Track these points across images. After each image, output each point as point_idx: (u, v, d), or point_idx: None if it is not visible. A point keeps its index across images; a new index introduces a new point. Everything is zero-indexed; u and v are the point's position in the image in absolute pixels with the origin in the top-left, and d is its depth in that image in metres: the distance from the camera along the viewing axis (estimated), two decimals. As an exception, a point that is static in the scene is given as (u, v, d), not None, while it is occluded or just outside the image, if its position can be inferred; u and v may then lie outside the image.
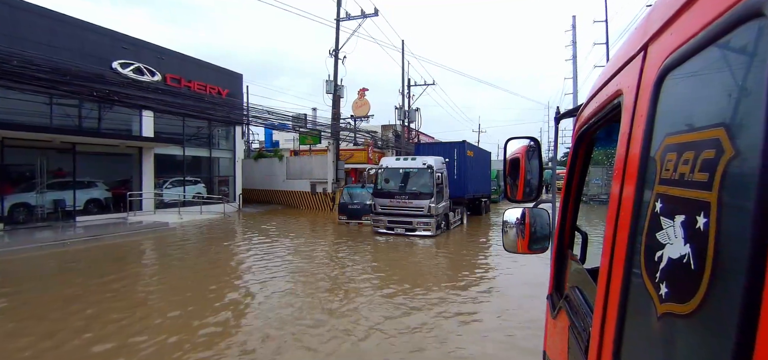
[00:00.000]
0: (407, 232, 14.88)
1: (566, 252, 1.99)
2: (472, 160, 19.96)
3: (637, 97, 0.97)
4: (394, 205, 15.06)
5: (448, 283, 8.95)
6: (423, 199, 14.66)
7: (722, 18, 0.63)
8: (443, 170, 15.87)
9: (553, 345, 1.95)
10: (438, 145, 20.12)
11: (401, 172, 15.46)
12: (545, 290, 2.21)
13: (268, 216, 22.00)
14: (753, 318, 0.50)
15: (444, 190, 15.67)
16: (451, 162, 18.56)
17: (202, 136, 23.25)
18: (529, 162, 2.26)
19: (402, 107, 34.82)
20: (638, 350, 0.86)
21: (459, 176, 18.58)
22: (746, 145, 0.57)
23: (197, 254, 12.16)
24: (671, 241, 0.74)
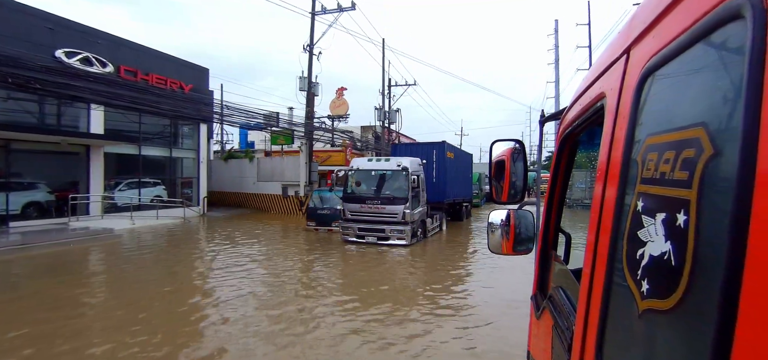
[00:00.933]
0: (380, 241, 13.34)
1: (550, 253, 2.02)
2: (453, 162, 18.55)
3: (620, 100, 0.99)
4: (366, 211, 13.51)
5: (426, 303, 7.43)
6: (397, 204, 13.15)
7: (702, 21, 0.64)
8: (420, 173, 14.41)
9: (536, 345, 1.97)
10: (416, 145, 18.72)
11: (374, 174, 13.91)
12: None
13: (233, 221, 20.24)
14: (732, 312, 0.50)
15: (421, 195, 14.18)
16: (429, 164, 17.11)
17: (161, 135, 21.34)
18: (514, 164, 2.29)
19: (382, 108, 33.38)
20: (620, 346, 0.87)
21: (438, 179, 17.14)
22: (725, 143, 0.58)
23: (134, 268, 10.42)
24: (652, 239, 0.75)
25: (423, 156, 17.01)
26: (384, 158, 14.73)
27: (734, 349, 0.49)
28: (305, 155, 23.01)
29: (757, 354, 0.47)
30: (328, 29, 23.30)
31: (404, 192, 13.20)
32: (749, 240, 0.50)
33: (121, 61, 18.21)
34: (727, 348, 0.50)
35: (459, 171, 19.77)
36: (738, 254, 0.50)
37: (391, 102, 34.56)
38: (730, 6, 0.57)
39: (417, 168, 14.20)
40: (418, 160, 14.71)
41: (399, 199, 13.16)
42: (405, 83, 35.38)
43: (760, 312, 0.47)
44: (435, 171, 17.18)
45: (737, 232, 0.51)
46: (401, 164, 13.38)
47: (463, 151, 22.12)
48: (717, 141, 0.60)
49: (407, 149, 17.93)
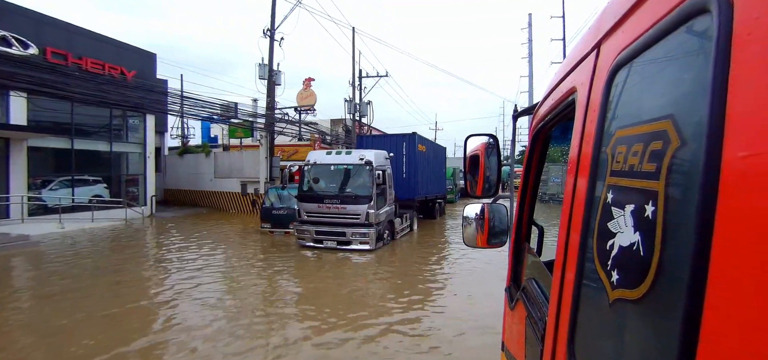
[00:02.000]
0: (340, 246, 11.54)
1: (523, 245, 2.03)
2: (425, 156, 16.87)
3: (591, 94, 1.00)
4: (324, 212, 11.67)
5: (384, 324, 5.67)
6: (360, 203, 11.36)
7: (670, 15, 0.65)
8: (387, 167, 12.65)
9: (511, 335, 1.98)
10: (384, 137, 16.95)
11: (333, 169, 12.06)
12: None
13: (181, 223, 18.06)
14: (698, 301, 0.51)
15: (387, 192, 12.42)
16: (398, 158, 15.40)
17: (100, 127, 18.93)
18: (488, 158, 2.29)
19: (352, 100, 31.50)
20: (591, 336, 0.88)
21: (409, 174, 15.43)
22: (691, 135, 0.59)
23: (34, 286, 8.33)
24: (622, 230, 0.75)
25: (391, 149, 15.29)
26: (345, 151, 12.84)
27: (701, 338, 0.50)
28: (265, 149, 20.96)
29: (722, 342, 0.48)
30: (291, 10, 21.28)
31: (368, 189, 11.42)
32: (715, 230, 0.50)
33: (48, 43, 15.78)
34: (694, 337, 0.51)
35: (432, 165, 18.13)
36: (704, 244, 0.51)
37: (363, 94, 32.75)
38: (696, 1, 0.58)
39: (383, 162, 12.43)
40: (384, 154, 12.94)
41: (362, 198, 11.38)
42: (377, 74, 33.56)
43: (725, 302, 0.48)
44: (405, 165, 15.47)
45: (703, 222, 0.52)
46: (364, 158, 11.57)
47: (436, 144, 20.47)
48: (684, 133, 0.61)
49: (374, 141, 16.16)
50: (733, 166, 0.48)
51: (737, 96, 0.49)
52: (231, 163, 23.30)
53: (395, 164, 15.33)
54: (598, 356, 0.85)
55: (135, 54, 19.64)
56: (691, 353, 0.51)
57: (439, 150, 20.57)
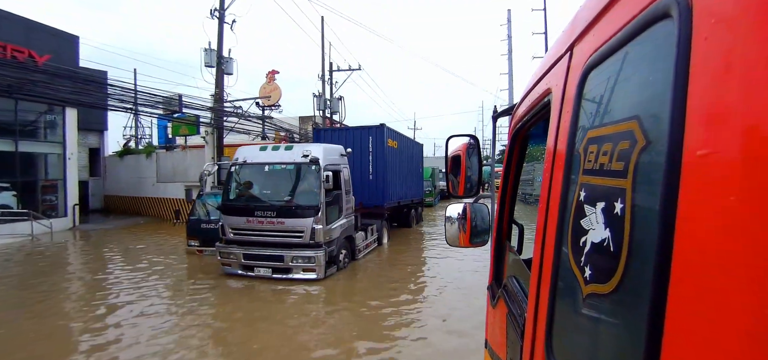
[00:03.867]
0: (276, 276, 8.34)
1: (504, 244, 2.04)
2: (397, 153, 13.77)
3: (564, 95, 1.01)
4: (255, 229, 8.43)
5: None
6: (303, 215, 8.17)
7: (635, 20, 0.66)
8: (342, 166, 9.49)
9: (493, 333, 1.97)
10: (345, 131, 13.60)
11: (267, 170, 8.83)
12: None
13: (102, 239, 14.63)
14: (663, 293, 0.52)
15: (343, 199, 9.25)
16: (362, 155, 12.28)
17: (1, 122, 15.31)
18: (470, 159, 2.30)
19: (322, 95, 28.31)
20: (568, 330, 0.89)
21: (377, 176, 12.30)
22: (655, 135, 0.60)
23: None
24: (594, 227, 0.76)
25: (355, 145, 12.16)
26: (284, 145, 9.48)
27: (666, 329, 0.51)
28: (211, 149, 17.59)
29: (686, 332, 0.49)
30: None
31: (314, 197, 8.24)
32: (676, 226, 0.51)
33: None
34: (660, 327, 0.52)
35: (406, 165, 15.04)
36: (667, 240, 0.52)
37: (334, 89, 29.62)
38: (660, 6, 0.59)
39: (336, 160, 9.25)
40: (338, 149, 9.76)
41: (305, 208, 8.19)
42: (349, 68, 30.44)
43: (687, 293, 0.49)
44: (371, 165, 12.34)
45: (666, 219, 0.53)
46: (309, 154, 8.36)
47: (411, 140, 17.33)
48: (648, 134, 0.62)
49: (334, 135, 12.94)
50: (692, 165, 0.50)
51: (696, 97, 0.51)
52: (174, 166, 19.80)
53: (359, 164, 12.19)
54: (574, 350, 0.86)
55: (48, 35, 16.09)
56: (658, 343, 0.52)
57: (415, 147, 17.47)
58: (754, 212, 0.41)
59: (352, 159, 12.09)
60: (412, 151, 16.39)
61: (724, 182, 0.45)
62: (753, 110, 0.42)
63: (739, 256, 0.42)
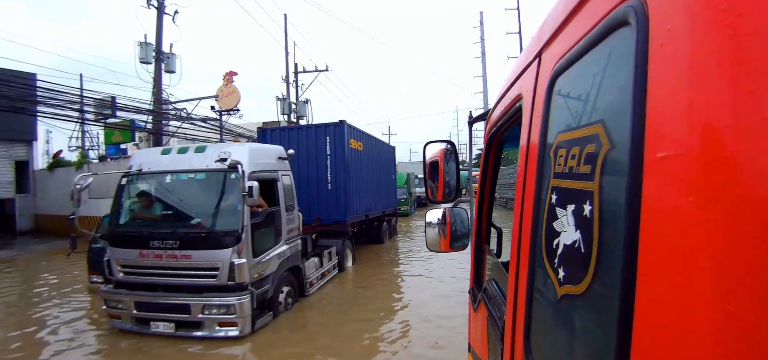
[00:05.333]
0: (181, 333, 5.72)
1: (483, 247, 2.05)
2: (362, 156, 11.31)
3: (534, 100, 1.02)
4: (151, 266, 5.80)
5: None
6: (216, 246, 5.57)
7: (597, 27, 0.67)
8: (281, 173, 6.91)
9: (475, 336, 1.96)
10: (296, 130, 10.58)
11: (170, 181, 6.22)
12: None
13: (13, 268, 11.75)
14: (630, 291, 0.52)
15: (281, 219, 6.69)
16: (318, 159, 9.79)
17: None
18: (447, 164, 2.31)
19: (286, 98, 25.72)
20: (545, 331, 0.89)
21: (336, 185, 9.80)
22: (619, 138, 0.60)
23: None
24: (565, 229, 0.77)
25: (308, 147, 9.71)
26: (195, 147, 6.58)
27: (635, 326, 0.52)
28: (146, 157, 14.73)
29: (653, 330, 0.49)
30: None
31: (232, 218, 5.65)
32: (640, 226, 0.52)
33: None
34: (629, 325, 0.52)
35: (374, 170, 12.58)
36: (632, 240, 0.52)
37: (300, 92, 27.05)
38: (619, 13, 0.60)
39: (271, 165, 6.70)
40: (276, 151, 7.14)
41: (221, 235, 5.60)
42: (315, 69, 27.93)
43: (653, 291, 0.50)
44: (330, 171, 9.83)
45: (631, 219, 0.53)
46: (228, 157, 5.76)
47: (379, 141, 14.26)
48: (613, 137, 0.62)
49: (282, 136, 10.26)
50: (653, 166, 0.51)
51: (654, 101, 0.52)
52: (107, 180, 16.78)
53: (314, 170, 9.71)
54: (551, 350, 0.86)
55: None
56: (627, 341, 0.53)
57: (386, 150, 14.97)
58: (710, 210, 0.42)
59: (305, 165, 9.59)
60: (382, 155, 13.92)
61: (682, 182, 0.46)
62: (706, 112, 0.44)
63: (698, 252, 0.43)
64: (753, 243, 0.38)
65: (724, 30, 0.42)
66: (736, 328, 0.39)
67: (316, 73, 27.72)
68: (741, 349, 0.38)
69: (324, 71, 27.90)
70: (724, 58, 0.42)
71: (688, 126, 0.46)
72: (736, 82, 0.41)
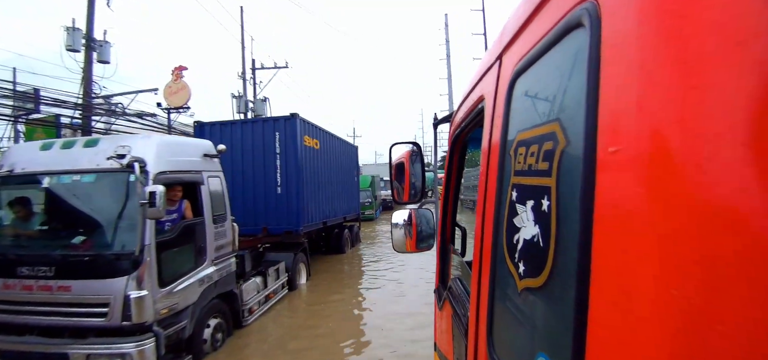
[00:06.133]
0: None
1: (449, 247, 2.07)
2: (319, 156, 9.94)
3: (495, 101, 1.04)
4: (16, 302, 4.23)
5: None
6: (106, 273, 4.08)
7: (554, 30, 0.69)
8: (206, 175, 5.38)
9: (441, 335, 1.97)
10: (239, 124, 9.52)
11: (48, 186, 4.62)
12: None
13: None
14: (585, 283, 0.54)
15: (206, 234, 5.21)
16: (266, 159, 8.38)
17: None
18: (413, 166, 2.35)
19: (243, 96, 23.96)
20: (506, 324, 0.90)
21: (288, 188, 8.39)
22: (574, 135, 0.62)
23: None
24: (525, 225, 0.78)
25: (253, 145, 8.32)
26: (84, 140, 4.97)
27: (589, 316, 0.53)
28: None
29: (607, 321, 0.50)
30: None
31: (129, 237, 4.16)
32: (594, 219, 0.53)
33: None
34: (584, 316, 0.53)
35: (334, 171, 11.23)
36: (587, 232, 0.54)
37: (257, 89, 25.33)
38: (574, 16, 0.62)
39: (191, 164, 5.18)
40: (201, 147, 5.59)
41: (111, 260, 4.12)
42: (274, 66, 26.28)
43: (606, 282, 0.51)
44: (280, 173, 8.41)
45: (585, 213, 0.55)
46: (127, 153, 4.28)
47: (339, 139, 12.51)
48: (568, 134, 0.64)
49: (223, 131, 8.65)
50: (605, 162, 0.52)
51: (606, 99, 0.53)
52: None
53: (261, 172, 8.32)
54: (513, 343, 0.87)
55: None
56: (583, 331, 0.54)
57: (348, 150, 13.57)
58: (656, 202, 0.44)
59: (250, 166, 8.17)
60: (343, 154, 12.56)
61: (631, 176, 0.48)
62: (652, 109, 0.45)
63: (645, 244, 0.44)
64: (694, 233, 0.40)
65: (669, 31, 0.45)
66: (679, 314, 0.40)
67: (275, 69, 26.09)
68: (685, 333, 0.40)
69: (283, 68, 26.26)
70: (669, 57, 0.44)
71: (635, 123, 0.48)
72: (680, 80, 0.43)
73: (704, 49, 0.41)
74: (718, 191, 0.39)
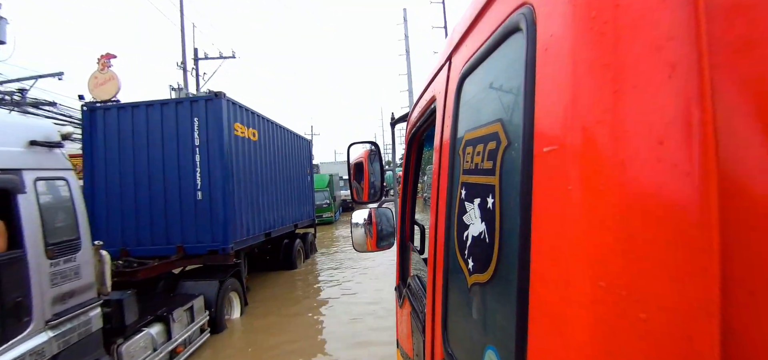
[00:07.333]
0: None
1: (408, 244, 2.07)
2: (258, 150, 7.77)
3: (446, 102, 1.05)
4: None
5: None
6: None
7: (496, 33, 0.70)
8: (30, 178, 3.07)
9: (401, 331, 1.98)
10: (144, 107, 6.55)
11: None
12: None
13: None
14: (526, 276, 0.55)
15: (29, 280, 2.99)
16: (177, 152, 6.18)
17: None
18: (372, 165, 2.32)
19: (182, 88, 21.16)
20: (459, 318, 0.91)
21: (212, 193, 6.20)
22: (514, 135, 0.63)
23: None
24: (473, 222, 0.80)
25: (162, 132, 6.16)
26: None
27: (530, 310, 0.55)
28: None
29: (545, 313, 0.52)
30: None
31: None
32: (532, 215, 0.55)
33: None
34: (525, 308, 0.55)
35: (280, 169, 9.06)
36: (526, 228, 0.56)
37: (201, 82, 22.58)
38: (513, 20, 0.63)
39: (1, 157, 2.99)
40: (26, 129, 3.27)
41: None
42: (220, 55, 23.59)
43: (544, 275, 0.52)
44: (200, 171, 6.22)
45: (524, 209, 0.56)
46: None
47: (286, 130, 9.94)
48: (509, 134, 0.66)
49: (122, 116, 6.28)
50: (540, 160, 0.54)
51: (541, 100, 0.54)
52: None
53: (174, 171, 6.19)
54: (466, 338, 0.87)
55: None
56: (525, 324, 0.55)
57: (298, 144, 11.30)
58: (586, 199, 0.46)
59: (159, 163, 5.99)
60: (292, 149, 10.39)
61: (563, 174, 0.49)
62: (581, 111, 0.47)
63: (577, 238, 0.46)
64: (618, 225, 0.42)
65: (596, 36, 0.46)
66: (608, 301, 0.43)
67: (220, 59, 23.38)
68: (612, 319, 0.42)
69: (230, 58, 23.54)
70: (595, 61, 0.46)
71: (566, 123, 0.49)
72: (605, 83, 0.45)
73: (626, 54, 0.44)
74: (639, 186, 0.42)
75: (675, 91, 0.40)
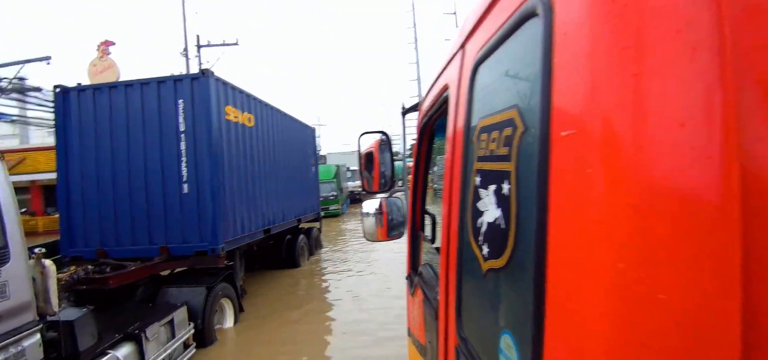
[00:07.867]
0: None
1: (419, 234, 2.06)
2: (254, 137, 6.98)
3: (459, 89, 1.04)
4: None
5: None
6: None
7: (512, 18, 0.70)
8: None
9: (413, 320, 1.98)
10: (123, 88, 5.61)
11: None
12: None
13: None
14: (544, 259, 0.55)
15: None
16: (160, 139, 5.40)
17: None
18: (382, 155, 2.31)
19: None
20: (474, 304, 0.92)
21: (199, 186, 5.44)
22: (531, 120, 0.63)
23: None
24: (488, 208, 0.79)
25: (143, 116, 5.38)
26: None
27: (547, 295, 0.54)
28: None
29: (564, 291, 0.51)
30: None
31: None
32: (549, 198, 0.54)
33: None
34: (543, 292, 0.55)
35: (280, 159, 8.27)
36: (544, 211, 0.55)
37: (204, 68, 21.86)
38: (530, 5, 0.63)
39: None
40: None
41: None
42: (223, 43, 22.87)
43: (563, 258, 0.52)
44: (186, 161, 5.45)
45: (541, 193, 0.56)
46: None
47: (286, 116, 9.08)
48: (526, 119, 0.65)
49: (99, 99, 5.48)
50: (558, 145, 0.53)
51: (559, 85, 0.54)
52: None
53: (156, 161, 5.44)
54: (480, 321, 0.88)
55: None
56: (542, 308, 0.55)
57: (300, 131, 10.49)
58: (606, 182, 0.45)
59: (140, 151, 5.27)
60: (294, 137, 9.59)
61: (582, 158, 0.49)
62: (600, 95, 0.47)
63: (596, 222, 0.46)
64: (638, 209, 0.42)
65: (615, 18, 0.46)
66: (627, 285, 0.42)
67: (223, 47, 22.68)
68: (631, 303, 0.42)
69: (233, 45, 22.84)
70: (615, 44, 0.46)
71: (585, 107, 0.49)
72: (625, 66, 0.44)
73: (646, 37, 0.43)
74: (660, 169, 0.42)
75: (696, 73, 0.39)
